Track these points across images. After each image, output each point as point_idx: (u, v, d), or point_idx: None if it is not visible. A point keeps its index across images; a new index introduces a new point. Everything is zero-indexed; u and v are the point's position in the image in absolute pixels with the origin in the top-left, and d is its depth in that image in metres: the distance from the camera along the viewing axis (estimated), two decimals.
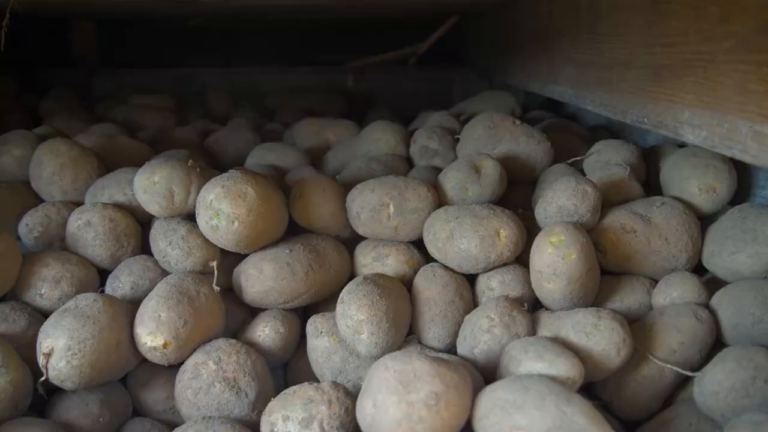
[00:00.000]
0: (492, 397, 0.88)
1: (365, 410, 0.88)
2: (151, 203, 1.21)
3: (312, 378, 1.17)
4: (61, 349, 1.00)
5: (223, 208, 1.12)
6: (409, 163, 1.55)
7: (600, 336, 0.99)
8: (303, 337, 1.21)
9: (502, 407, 0.85)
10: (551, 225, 1.10)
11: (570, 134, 1.62)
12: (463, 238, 1.15)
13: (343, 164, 1.59)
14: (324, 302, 1.26)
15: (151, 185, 1.20)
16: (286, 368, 1.24)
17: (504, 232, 1.15)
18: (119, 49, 3.05)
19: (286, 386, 1.20)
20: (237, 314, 1.22)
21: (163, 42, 3.36)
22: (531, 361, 0.94)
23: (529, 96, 2.27)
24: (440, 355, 1.06)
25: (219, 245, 1.18)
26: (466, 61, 2.81)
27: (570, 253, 1.05)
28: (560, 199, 1.16)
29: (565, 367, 0.92)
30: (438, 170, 1.47)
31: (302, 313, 1.26)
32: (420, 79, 2.80)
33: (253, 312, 1.25)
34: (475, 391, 0.91)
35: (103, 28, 2.87)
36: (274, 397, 1.08)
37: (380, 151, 1.55)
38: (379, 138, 1.57)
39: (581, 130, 1.72)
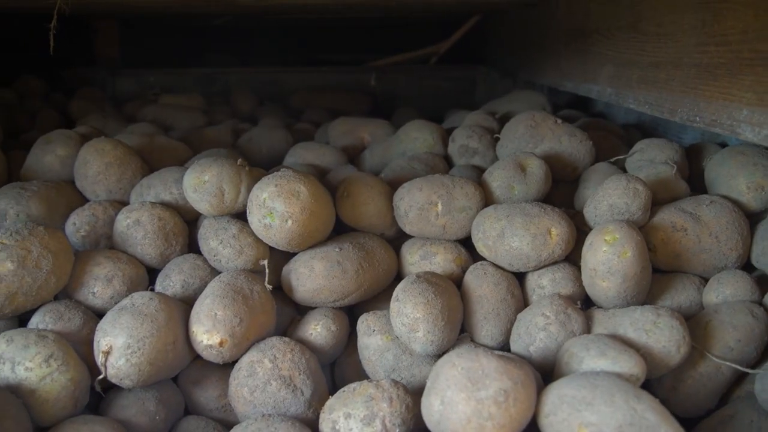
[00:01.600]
0: (559, 393, 0.88)
1: (432, 407, 0.88)
2: (201, 202, 1.21)
3: (361, 376, 1.18)
4: (121, 347, 1.00)
5: (277, 207, 1.12)
6: (447, 161, 1.56)
7: (660, 333, 0.99)
8: (350, 335, 1.22)
9: (570, 404, 0.86)
10: (604, 223, 1.10)
11: (606, 132, 1.61)
12: (515, 236, 1.15)
13: (381, 163, 1.59)
14: (367, 301, 1.27)
15: (201, 184, 1.20)
16: (333, 366, 1.25)
17: (555, 230, 1.15)
18: (135, 49, 3.05)
19: (334, 384, 1.22)
20: (285, 313, 1.23)
21: (178, 41, 3.37)
22: (593, 358, 0.95)
23: (552, 94, 2.27)
24: (499, 352, 1.06)
25: (270, 244, 1.18)
26: (487, 60, 2.81)
27: (625, 251, 1.06)
28: (611, 198, 1.16)
29: (628, 365, 0.93)
30: (478, 169, 1.47)
31: (347, 311, 1.27)
32: (442, 78, 2.80)
33: (300, 310, 1.25)
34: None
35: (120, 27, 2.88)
36: (327, 395, 1.09)
37: (418, 150, 1.56)
38: (417, 137, 1.57)
39: (616, 128, 1.72)
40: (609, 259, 1.06)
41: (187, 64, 3.03)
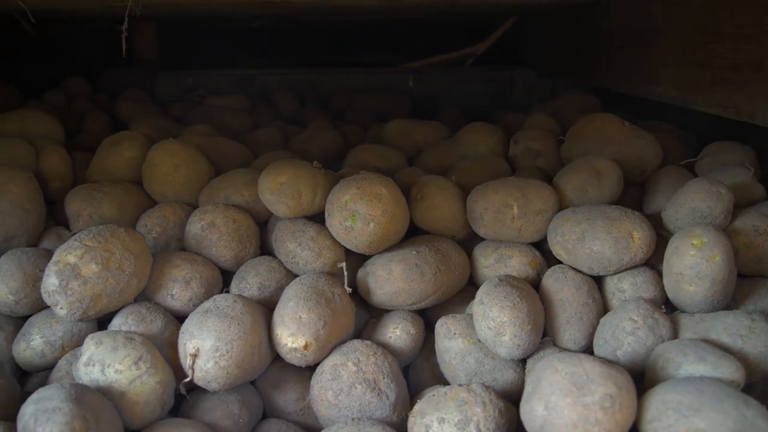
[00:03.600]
0: (663, 399, 0.87)
1: (535, 412, 0.88)
2: (277, 204, 1.21)
3: (438, 379, 1.17)
4: (209, 350, 1.00)
5: (360, 209, 1.12)
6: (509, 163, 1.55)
7: (756, 338, 0.98)
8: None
9: (676, 409, 0.85)
10: (690, 227, 1.09)
11: (665, 134, 1.60)
12: (596, 239, 1.15)
13: (439, 165, 1.58)
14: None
15: (278, 186, 1.20)
16: (407, 369, 1.24)
17: (637, 233, 1.14)
18: (167, 50, 3.05)
19: (408, 388, 1.21)
20: (359, 316, 1.22)
21: (208, 42, 3.36)
22: (692, 363, 0.94)
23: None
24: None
25: (349, 246, 1.18)
26: (525, 61, 2.80)
27: (714, 255, 1.05)
28: (693, 201, 1.15)
29: (729, 370, 0.92)
30: (542, 171, 1.46)
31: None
32: (479, 79, 2.79)
33: (372, 313, 1.25)
34: None
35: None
36: (408, 399, 1.08)
37: (479, 153, 1.55)
38: (478, 139, 1.57)
39: (674, 129, 1.71)
40: (697, 263, 1.05)
41: (218, 65, 3.02)
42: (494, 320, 1.05)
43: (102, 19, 2.38)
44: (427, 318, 1.26)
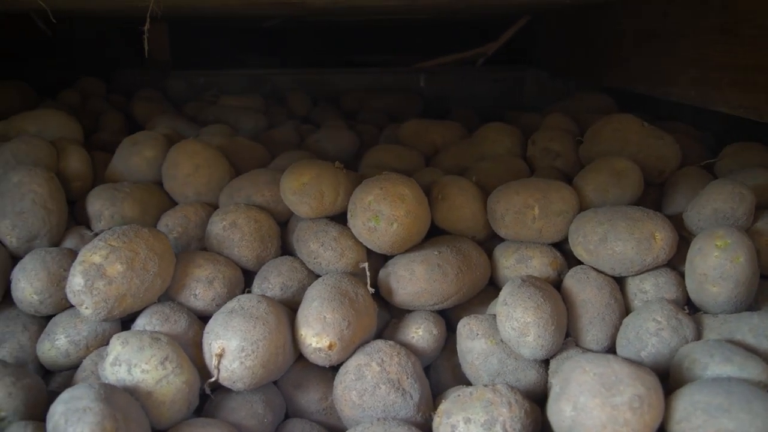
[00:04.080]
0: (691, 400, 0.87)
1: (563, 413, 0.88)
2: (300, 204, 1.21)
3: (459, 380, 1.17)
4: (234, 350, 1.00)
5: (383, 210, 1.12)
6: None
7: None
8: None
9: (704, 410, 0.85)
10: (713, 228, 1.09)
11: (681, 135, 1.60)
12: (619, 240, 1.15)
13: (456, 165, 1.58)
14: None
15: (300, 186, 1.20)
16: (428, 369, 1.24)
17: (659, 234, 1.14)
18: (175, 50, 3.05)
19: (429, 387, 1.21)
20: (380, 316, 1.22)
21: (207, 42, 3.36)
22: (719, 364, 0.94)
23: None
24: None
25: (372, 247, 1.18)
26: (536, 61, 2.80)
27: (738, 256, 1.05)
28: (716, 202, 1.15)
29: (756, 371, 0.92)
30: (560, 172, 1.46)
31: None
32: (490, 79, 2.79)
33: (393, 313, 1.25)
34: None
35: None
36: (431, 399, 1.08)
37: (496, 153, 1.55)
38: (496, 139, 1.57)
39: (691, 129, 1.71)
40: (721, 264, 1.05)
41: (218, 65, 3.02)
42: (518, 321, 1.05)
43: (105, 20, 2.39)
44: (447, 318, 1.26)
